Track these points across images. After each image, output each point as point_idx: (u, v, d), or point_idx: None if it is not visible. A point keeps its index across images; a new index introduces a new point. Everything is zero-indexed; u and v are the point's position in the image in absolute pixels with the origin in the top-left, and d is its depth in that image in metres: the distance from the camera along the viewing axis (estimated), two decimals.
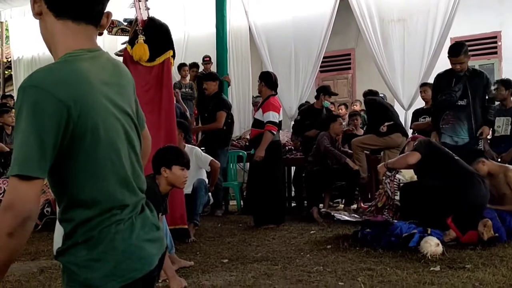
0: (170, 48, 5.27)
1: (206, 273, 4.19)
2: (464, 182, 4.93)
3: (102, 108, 1.46)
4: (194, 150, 6.13)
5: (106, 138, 1.46)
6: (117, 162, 1.50)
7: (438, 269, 4.06)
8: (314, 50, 9.75)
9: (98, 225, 1.45)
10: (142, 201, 1.60)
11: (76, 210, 1.46)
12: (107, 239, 1.46)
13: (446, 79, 6.28)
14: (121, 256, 1.46)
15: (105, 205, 1.46)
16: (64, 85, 1.39)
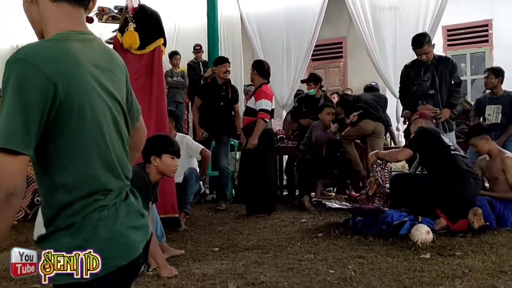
0: (161, 36, 5.22)
1: (197, 262, 4.19)
2: (456, 180, 4.91)
3: (90, 89, 1.44)
4: (185, 138, 6.11)
5: (92, 119, 1.44)
6: (103, 145, 1.47)
7: (428, 257, 4.07)
8: (306, 38, 9.73)
9: (81, 210, 1.43)
10: (127, 188, 1.58)
11: (58, 193, 1.43)
12: (90, 226, 1.44)
13: (415, 70, 6.35)
14: (105, 243, 1.44)
15: (87, 188, 1.44)
16: (53, 61, 1.37)
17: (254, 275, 3.71)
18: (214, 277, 3.67)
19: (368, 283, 3.43)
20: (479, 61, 10.98)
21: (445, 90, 6.23)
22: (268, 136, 6.47)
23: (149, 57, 5.17)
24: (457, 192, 4.89)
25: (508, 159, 5.39)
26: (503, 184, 5.37)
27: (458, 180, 4.92)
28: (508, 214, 5.22)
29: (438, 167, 5.06)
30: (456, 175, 4.94)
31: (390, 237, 4.70)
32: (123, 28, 5.06)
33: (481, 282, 3.35)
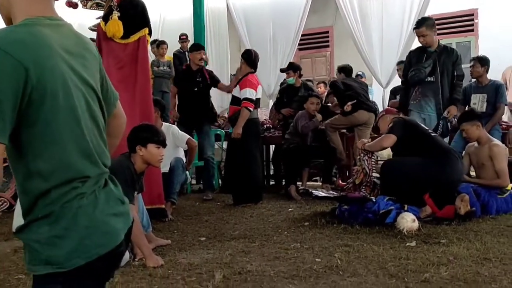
0: (146, 26, 5.16)
1: (183, 251, 4.18)
2: (441, 159, 4.97)
3: (63, 75, 1.41)
4: (171, 128, 6.07)
5: (66, 105, 1.41)
6: (78, 131, 1.45)
7: (413, 245, 4.10)
8: (292, 28, 9.71)
9: (59, 198, 1.40)
10: (105, 175, 1.55)
11: (34, 180, 1.40)
12: (69, 214, 1.41)
13: (417, 56, 6.36)
14: (84, 231, 1.43)
15: (64, 175, 1.41)
16: (23, 46, 1.34)
17: (241, 264, 3.70)
18: (200, 267, 3.67)
19: (354, 271, 3.44)
20: (465, 50, 11.01)
21: (447, 80, 6.20)
22: (254, 125, 6.44)
23: (134, 47, 5.11)
24: (445, 170, 4.95)
25: (496, 146, 5.44)
26: (489, 171, 5.42)
27: (445, 158, 5.00)
28: (493, 202, 5.27)
29: (422, 150, 5.08)
30: (442, 154, 5.03)
31: (376, 226, 4.72)
32: (107, 16, 4.99)
33: (466, 269, 3.37)
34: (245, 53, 6.69)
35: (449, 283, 3.13)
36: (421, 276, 3.25)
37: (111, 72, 5.00)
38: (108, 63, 5.00)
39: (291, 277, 3.37)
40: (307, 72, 12.08)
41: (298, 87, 7.76)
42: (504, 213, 5.24)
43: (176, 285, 3.29)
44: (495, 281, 3.14)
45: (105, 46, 5.03)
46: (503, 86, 6.99)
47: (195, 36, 9.53)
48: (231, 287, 3.21)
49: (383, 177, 5.17)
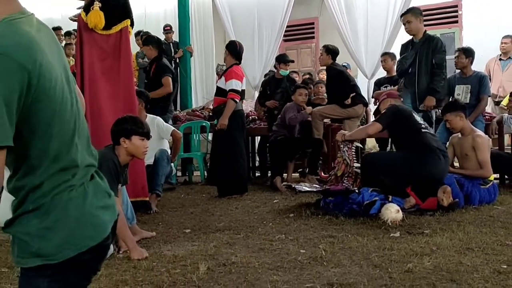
0: (128, 17, 5.11)
1: (168, 243, 4.17)
2: (425, 156, 4.96)
3: (54, 69, 1.41)
4: (156, 120, 6.04)
5: (59, 99, 1.41)
6: (65, 123, 1.44)
7: (397, 235, 4.13)
8: (278, 19, 9.68)
9: (50, 191, 1.41)
10: (93, 168, 1.55)
11: (27, 175, 1.40)
12: (59, 206, 1.42)
13: (406, 48, 6.45)
14: (75, 223, 1.43)
15: (55, 166, 1.41)
16: (21, 49, 1.32)
17: (225, 256, 3.71)
18: (185, 259, 3.66)
19: (339, 262, 3.46)
20: (449, 41, 11.05)
21: (424, 70, 6.20)
22: (239, 117, 6.42)
23: (116, 38, 5.06)
24: (426, 169, 4.95)
25: (479, 137, 5.49)
26: (472, 161, 5.47)
27: (428, 157, 4.97)
28: (476, 192, 5.32)
29: (408, 144, 5.10)
30: (426, 152, 4.99)
31: (361, 217, 4.75)
32: (88, 7, 4.93)
33: (449, 259, 3.40)
34: (230, 45, 6.66)
35: (432, 273, 3.15)
36: (405, 266, 3.27)
37: (95, 64, 4.96)
38: (91, 54, 4.96)
39: (276, 268, 3.38)
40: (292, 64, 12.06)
41: (281, 79, 7.75)
42: (486, 203, 5.29)
43: (160, 277, 3.28)
44: (477, 270, 3.17)
45: (87, 37, 4.97)
46: (486, 77, 7.04)
47: (179, 27, 9.49)
48: (216, 279, 3.21)
49: (364, 170, 5.19)
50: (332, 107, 7.15)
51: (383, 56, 8.01)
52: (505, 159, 6.34)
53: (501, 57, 8.45)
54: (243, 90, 6.46)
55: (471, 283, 2.95)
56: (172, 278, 3.25)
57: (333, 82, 7.26)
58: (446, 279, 3.04)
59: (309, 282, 3.10)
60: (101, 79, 4.96)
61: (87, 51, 4.96)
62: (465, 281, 2.99)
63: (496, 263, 3.31)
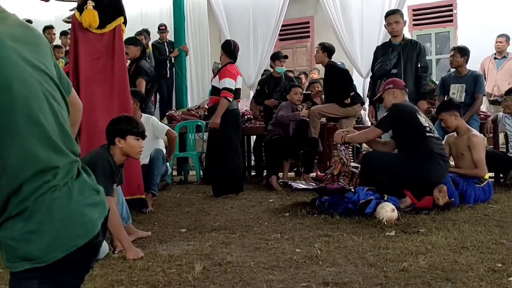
0: (121, 15, 5.10)
1: (163, 243, 4.16)
2: (426, 162, 4.94)
3: (14, 64, 1.38)
4: (151, 119, 6.04)
5: (21, 95, 1.38)
6: (37, 121, 1.41)
7: (393, 234, 4.13)
8: (273, 18, 9.69)
9: (31, 194, 1.38)
10: (77, 165, 1.52)
11: (2, 179, 1.37)
12: (43, 208, 1.39)
13: (384, 49, 6.56)
14: (60, 224, 1.41)
15: (31, 168, 1.38)
16: None
17: (221, 255, 3.70)
18: (180, 258, 3.66)
19: (334, 261, 3.46)
20: (444, 40, 11.11)
21: (410, 72, 6.37)
22: (234, 116, 6.40)
23: (110, 37, 5.05)
24: (425, 174, 4.94)
25: (474, 137, 5.50)
26: (467, 160, 5.48)
27: (428, 162, 4.94)
28: (471, 191, 5.33)
29: (409, 145, 5.05)
30: (427, 158, 4.96)
31: (356, 216, 4.75)
32: (82, 7, 4.93)
33: (444, 258, 3.41)
34: (225, 44, 6.65)
35: (427, 272, 3.16)
36: (400, 265, 3.28)
37: (88, 63, 4.95)
38: (85, 53, 4.95)
39: (271, 267, 3.38)
40: (288, 63, 12.05)
41: (279, 77, 7.75)
42: (481, 202, 5.30)
43: (156, 277, 3.28)
44: (472, 269, 3.18)
45: (81, 37, 4.97)
46: (481, 76, 7.06)
47: (175, 27, 9.48)
48: (211, 278, 3.21)
49: (363, 169, 5.18)
50: (331, 106, 7.11)
51: None
52: (500, 158, 6.36)
53: (496, 56, 8.48)
54: (238, 89, 6.42)
55: (466, 282, 2.96)
56: (168, 278, 3.24)
57: (333, 80, 7.22)
58: (441, 278, 3.05)
59: (304, 281, 3.10)
60: (95, 79, 4.95)
61: (82, 51, 4.95)
62: (460, 280, 2.99)
63: (491, 262, 3.31)
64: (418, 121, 5.09)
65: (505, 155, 6.56)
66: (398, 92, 5.32)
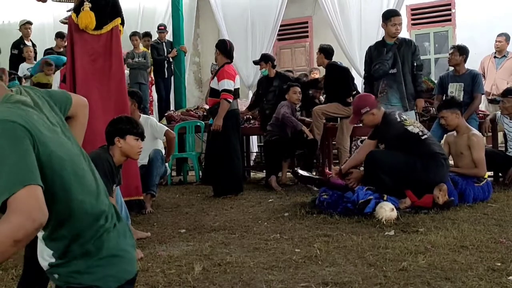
0: (118, 16, 5.09)
1: (163, 244, 4.17)
2: (428, 164, 4.94)
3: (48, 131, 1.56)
4: (149, 120, 6.03)
5: (61, 153, 1.56)
6: (79, 172, 1.60)
7: (392, 234, 4.13)
8: (271, 18, 9.69)
9: (91, 238, 1.59)
10: (113, 209, 1.73)
11: (63, 228, 1.56)
12: (103, 248, 1.61)
13: (378, 50, 6.54)
14: (114, 260, 1.64)
15: (88, 217, 1.58)
16: (18, 115, 1.49)
17: (221, 255, 3.71)
18: (180, 259, 3.66)
19: (333, 261, 3.47)
20: (443, 40, 11.11)
21: (408, 70, 6.44)
22: (233, 116, 6.39)
23: (107, 38, 5.03)
24: (429, 176, 4.94)
25: (474, 136, 5.50)
26: (467, 159, 5.48)
27: (431, 164, 4.96)
28: (470, 190, 5.33)
29: (411, 152, 5.03)
30: (429, 159, 4.97)
31: (356, 216, 4.75)
32: (79, 8, 4.91)
33: (443, 257, 3.41)
34: (220, 44, 6.60)
35: (426, 271, 3.16)
36: (399, 265, 3.28)
37: (85, 65, 4.94)
38: (82, 55, 4.94)
39: (271, 267, 3.38)
40: (286, 63, 12.08)
41: (273, 77, 7.72)
42: (481, 201, 5.31)
43: (155, 277, 3.28)
44: (472, 268, 3.18)
45: (78, 39, 4.95)
46: (480, 75, 7.06)
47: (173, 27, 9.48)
48: (211, 279, 3.21)
49: (367, 166, 5.18)
50: (334, 105, 7.07)
51: None
52: (498, 157, 6.36)
53: (496, 55, 8.48)
54: (237, 89, 6.43)
55: (466, 281, 2.96)
56: (167, 279, 3.24)
57: (334, 80, 7.20)
58: (441, 277, 3.05)
59: (304, 281, 3.10)
60: (92, 80, 4.94)
61: (79, 52, 4.94)
62: (460, 279, 2.99)
63: (490, 261, 3.31)
64: (408, 131, 5.06)
65: (504, 154, 6.56)
66: (374, 110, 5.23)
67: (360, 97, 5.58)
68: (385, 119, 5.20)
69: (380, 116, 5.22)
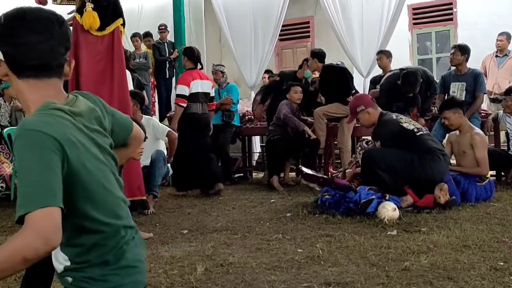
0: (120, 17, 5.10)
1: (165, 244, 4.16)
2: (426, 159, 4.94)
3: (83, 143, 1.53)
4: (151, 121, 6.03)
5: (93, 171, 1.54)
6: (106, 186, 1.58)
7: (394, 233, 4.13)
8: (273, 18, 9.69)
9: (112, 249, 1.58)
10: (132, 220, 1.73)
11: (82, 236, 1.55)
12: (121, 259, 1.60)
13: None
14: (131, 271, 1.63)
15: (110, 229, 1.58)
16: (50, 125, 1.45)
17: (223, 256, 3.70)
18: (182, 260, 3.65)
19: (336, 261, 3.46)
20: (444, 39, 11.10)
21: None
22: (192, 121, 6.68)
23: (109, 39, 5.05)
24: (427, 171, 4.94)
25: (477, 135, 5.50)
26: (470, 158, 5.48)
27: (429, 158, 4.96)
28: (472, 189, 5.33)
29: (407, 148, 5.05)
30: (426, 154, 4.98)
31: (358, 215, 4.75)
32: (81, 9, 4.93)
33: (445, 257, 3.41)
34: (188, 50, 6.99)
35: (429, 271, 3.16)
36: (402, 265, 3.28)
37: (90, 65, 4.95)
38: (87, 56, 4.95)
39: (273, 268, 3.38)
40: (288, 63, 12.08)
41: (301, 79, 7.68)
42: (483, 200, 5.31)
43: (158, 278, 3.27)
44: (474, 268, 3.17)
45: (82, 39, 4.96)
46: (482, 75, 7.05)
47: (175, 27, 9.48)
48: (213, 280, 3.20)
49: (364, 165, 5.18)
50: (335, 106, 7.06)
51: (378, 54, 8.01)
52: (501, 156, 6.36)
53: (498, 54, 8.47)
54: (195, 93, 6.69)
55: (468, 281, 2.95)
56: (170, 279, 3.24)
57: (332, 80, 7.18)
58: (443, 277, 3.04)
59: (306, 281, 3.10)
60: (96, 81, 4.95)
61: (84, 53, 4.95)
62: (462, 279, 2.99)
63: (493, 260, 3.31)
64: (405, 128, 5.13)
65: (506, 153, 6.56)
66: (370, 109, 5.32)
67: (356, 97, 5.73)
68: (381, 118, 5.29)
69: (376, 115, 5.31)
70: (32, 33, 1.53)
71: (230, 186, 7.43)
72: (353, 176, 5.40)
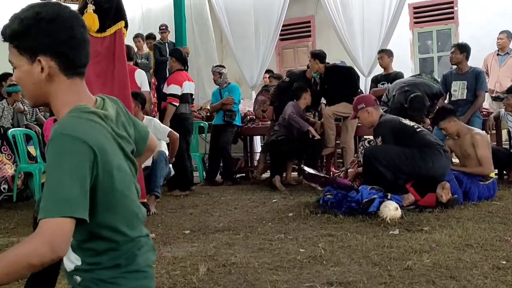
0: (122, 19, 5.12)
1: (167, 245, 4.17)
2: (426, 153, 4.96)
3: (114, 153, 1.52)
4: (153, 121, 6.03)
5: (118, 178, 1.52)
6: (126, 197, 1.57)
7: (396, 233, 4.13)
8: (274, 18, 9.68)
9: (125, 253, 1.56)
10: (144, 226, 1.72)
11: (97, 241, 1.53)
12: (133, 263, 1.59)
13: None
14: (140, 275, 1.61)
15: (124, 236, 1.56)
16: (85, 131, 1.43)
17: (225, 256, 3.71)
18: (185, 260, 3.66)
19: (338, 260, 3.46)
20: (445, 38, 11.08)
21: None
22: (181, 120, 6.83)
23: (111, 40, 5.07)
24: (428, 165, 4.95)
25: (478, 135, 5.51)
26: (474, 159, 5.49)
27: (429, 153, 4.99)
28: (475, 188, 5.32)
29: (407, 145, 5.06)
30: (427, 148, 5.01)
31: (360, 215, 4.75)
32: (82, 10, 4.93)
33: (448, 256, 3.40)
34: (175, 52, 7.24)
35: (431, 270, 3.16)
36: (404, 264, 3.27)
37: (89, 66, 4.93)
38: None
39: (275, 268, 3.38)
40: (289, 63, 12.08)
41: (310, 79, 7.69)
42: (485, 199, 5.30)
43: (160, 279, 3.27)
44: (477, 267, 3.17)
45: None
46: (483, 73, 7.04)
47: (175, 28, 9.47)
48: (215, 280, 3.21)
49: (365, 162, 5.18)
50: (343, 105, 7.02)
51: (379, 53, 7.99)
52: (503, 155, 6.35)
53: (499, 53, 8.46)
54: (186, 94, 6.90)
55: (470, 280, 2.95)
56: (172, 280, 3.25)
57: (338, 80, 7.15)
58: (446, 276, 3.04)
59: (308, 281, 3.10)
60: (95, 82, 4.95)
61: None
62: (465, 278, 2.99)
63: (495, 259, 3.31)
64: (404, 124, 5.22)
65: (509, 152, 6.55)
66: (370, 109, 5.34)
67: (360, 96, 5.83)
68: (381, 118, 5.34)
69: (376, 116, 5.34)
70: (86, 30, 1.57)
71: (232, 186, 7.45)
72: (355, 175, 5.42)
